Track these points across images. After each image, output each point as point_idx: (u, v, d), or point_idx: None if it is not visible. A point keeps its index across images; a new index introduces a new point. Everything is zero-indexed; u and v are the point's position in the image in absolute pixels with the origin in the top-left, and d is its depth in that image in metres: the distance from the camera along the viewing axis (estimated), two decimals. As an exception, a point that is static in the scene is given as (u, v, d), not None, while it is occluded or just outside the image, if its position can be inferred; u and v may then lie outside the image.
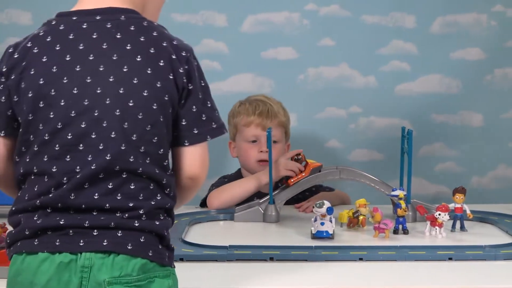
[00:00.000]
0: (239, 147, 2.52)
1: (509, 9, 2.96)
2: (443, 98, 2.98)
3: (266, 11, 2.98)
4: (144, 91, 1.36)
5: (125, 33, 1.38)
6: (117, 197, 1.35)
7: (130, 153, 1.35)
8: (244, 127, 2.49)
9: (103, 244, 1.34)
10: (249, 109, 2.49)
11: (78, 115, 1.35)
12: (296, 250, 1.85)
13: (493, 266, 1.77)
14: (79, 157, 1.35)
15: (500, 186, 3.01)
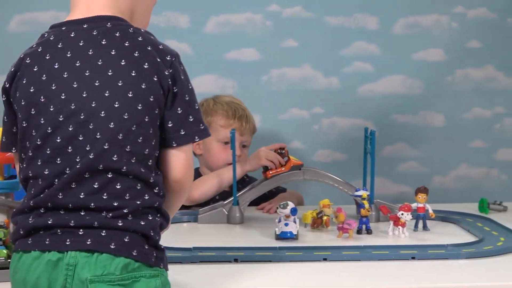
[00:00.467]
0: (209, 146, 2.51)
1: (470, 10, 2.99)
2: (405, 98, 3.00)
3: (229, 12, 2.98)
4: (128, 93, 1.40)
5: (110, 39, 1.42)
6: (102, 197, 1.39)
7: (114, 152, 1.39)
8: (222, 128, 2.50)
9: (87, 243, 1.37)
10: (229, 111, 2.51)
11: (66, 119, 1.40)
12: (260, 251, 1.85)
13: (455, 265, 1.79)
14: (68, 159, 1.40)
15: (461, 185, 3.04)
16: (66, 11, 2.87)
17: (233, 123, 2.49)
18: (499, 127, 3.04)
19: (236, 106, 2.53)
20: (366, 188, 2.18)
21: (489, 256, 1.83)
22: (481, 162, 3.04)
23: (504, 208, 2.41)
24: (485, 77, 3.01)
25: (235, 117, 2.50)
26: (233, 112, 2.51)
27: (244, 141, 2.52)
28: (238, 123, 2.50)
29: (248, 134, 2.53)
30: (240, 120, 2.50)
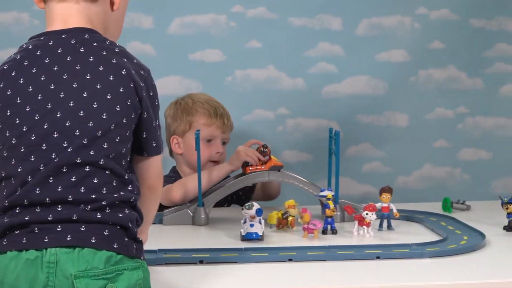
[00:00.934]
0: (191, 144, 2.45)
1: (433, 11, 3.01)
2: (370, 99, 3.01)
3: (193, 13, 2.96)
4: (107, 95, 1.45)
5: (88, 48, 1.48)
6: (80, 190, 1.42)
7: (92, 148, 1.43)
8: (205, 126, 2.50)
9: (67, 239, 1.39)
10: (210, 110, 2.53)
11: (42, 117, 1.43)
12: (225, 252, 1.85)
13: (419, 264, 1.80)
14: (42, 156, 1.42)
15: (425, 185, 3.06)
16: (28, 12, 2.86)
17: (215, 121, 2.51)
18: (462, 127, 3.06)
19: (215, 105, 2.55)
20: (331, 188, 2.19)
21: (453, 255, 1.84)
22: (444, 162, 3.07)
23: (467, 207, 2.44)
24: (448, 78, 3.04)
25: (217, 115, 2.52)
26: (214, 111, 2.53)
27: (225, 138, 2.55)
28: (220, 121, 2.52)
29: (228, 131, 2.56)
30: (222, 118, 2.53)
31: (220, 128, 2.52)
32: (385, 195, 2.12)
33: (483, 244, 1.93)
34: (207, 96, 2.61)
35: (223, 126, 2.53)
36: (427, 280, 1.70)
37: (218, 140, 2.53)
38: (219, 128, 2.52)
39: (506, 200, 2.12)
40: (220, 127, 2.52)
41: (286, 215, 2.12)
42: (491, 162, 3.07)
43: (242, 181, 2.27)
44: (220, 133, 2.53)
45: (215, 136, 2.52)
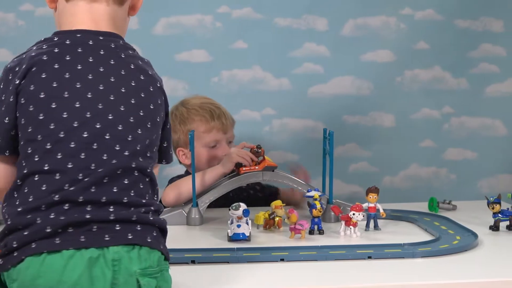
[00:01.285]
0: (197, 153, 2.40)
1: (417, 12, 3.02)
2: (355, 99, 3.02)
3: (179, 14, 2.96)
4: (150, 105, 1.50)
5: (127, 55, 1.54)
6: (131, 194, 1.45)
7: (141, 155, 1.47)
8: (205, 133, 2.46)
9: (128, 238, 1.42)
10: (206, 115, 2.47)
11: (93, 116, 1.44)
12: (217, 252, 1.85)
13: (411, 263, 1.80)
14: (94, 155, 1.43)
15: (411, 185, 3.07)
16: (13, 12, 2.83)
17: (214, 125, 2.47)
18: (447, 127, 3.08)
19: (210, 108, 2.49)
20: (317, 188, 2.19)
21: (445, 255, 1.85)
22: (430, 162, 3.08)
23: (454, 207, 2.45)
24: (433, 78, 3.05)
25: (214, 118, 2.47)
26: (210, 115, 2.47)
27: (229, 137, 2.51)
28: (219, 123, 2.47)
29: (230, 129, 2.51)
30: (220, 119, 2.48)
31: (221, 130, 2.47)
32: (371, 195, 2.13)
33: (476, 244, 1.94)
34: (200, 98, 2.55)
35: (223, 127, 2.48)
36: (418, 279, 1.70)
37: (223, 142, 2.48)
38: (219, 131, 2.47)
39: (492, 199, 2.13)
40: (221, 129, 2.47)
41: (273, 215, 2.12)
42: (477, 162, 3.09)
43: (236, 181, 2.26)
44: (222, 135, 2.48)
45: (218, 139, 2.48)
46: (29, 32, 2.88)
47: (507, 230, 2.13)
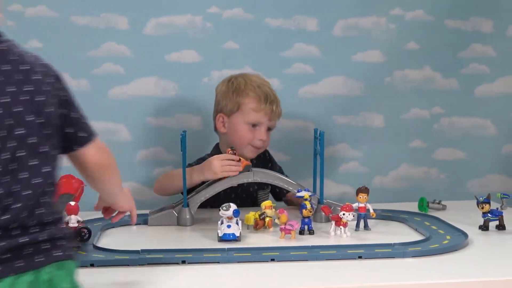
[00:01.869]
0: (236, 125, 2.53)
1: (408, 12, 3.02)
2: (346, 99, 3.02)
3: (169, 14, 2.95)
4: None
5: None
6: (50, 211, 1.44)
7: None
8: (253, 111, 2.51)
9: (59, 254, 1.42)
10: (261, 95, 2.53)
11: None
12: (208, 252, 1.85)
13: (401, 263, 1.80)
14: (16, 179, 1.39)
15: (402, 185, 3.07)
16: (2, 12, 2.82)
17: (264, 108, 2.51)
18: (437, 127, 3.08)
19: (267, 91, 2.55)
20: (308, 189, 2.20)
21: (435, 255, 1.85)
22: (420, 162, 3.08)
23: (443, 207, 2.45)
24: (423, 78, 3.05)
25: (267, 102, 2.52)
26: (265, 97, 2.53)
27: (271, 125, 2.56)
28: (269, 108, 2.52)
29: (276, 118, 2.57)
30: (271, 105, 2.52)
31: (268, 115, 2.52)
32: (361, 195, 2.13)
33: (466, 243, 1.94)
34: (260, 79, 2.61)
35: (271, 113, 2.52)
36: (409, 279, 1.70)
37: (264, 127, 2.53)
38: (266, 115, 2.52)
39: (482, 199, 2.14)
40: (268, 114, 2.52)
41: (263, 216, 2.13)
42: (467, 162, 3.09)
43: (228, 181, 2.26)
44: (266, 120, 2.53)
45: (261, 122, 2.53)
46: (18, 32, 2.87)
47: (497, 229, 2.14)
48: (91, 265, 1.77)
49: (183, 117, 2.98)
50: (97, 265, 1.77)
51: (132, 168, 2.94)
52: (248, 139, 2.52)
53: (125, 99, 2.93)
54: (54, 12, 2.88)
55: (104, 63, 2.91)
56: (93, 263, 1.77)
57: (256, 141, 2.52)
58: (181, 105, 2.97)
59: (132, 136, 2.95)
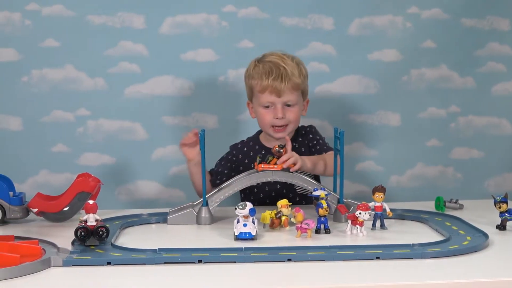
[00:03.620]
0: (256, 110, 2.54)
1: (424, 11, 3.02)
2: (362, 98, 3.02)
3: (185, 13, 2.96)
4: None
5: None
6: None
7: None
8: (259, 93, 2.49)
9: None
10: (263, 74, 2.47)
11: None
12: (225, 252, 1.84)
13: (420, 264, 1.79)
14: None
15: (418, 184, 3.07)
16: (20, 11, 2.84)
17: (268, 86, 2.46)
18: (454, 126, 3.07)
19: (271, 67, 2.47)
20: (324, 188, 2.19)
21: (455, 255, 1.84)
22: (437, 161, 3.08)
23: (460, 206, 2.44)
24: (440, 77, 3.05)
25: (268, 79, 2.46)
26: (266, 74, 2.47)
27: (285, 101, 2.48)
28: (272, 84, 2.45)
29: (289, 92, 2.47)
30: (275, 81, 2.45)
31: (274, 93, 2.45)
32: (378, 194, 2.12)
33: (486, 244, 1.93)
34: (275, 56, 2.52)
35: (277, 90, 2.44)
36: (428, 279, 1.69)
37: (278, 105, 2.47)
38: (272, 93, 2.45)
39: (499, 199, 2.13)
40: (274, 91, 2.45)
41: (279, 214, 2.12)
42: (484, 161, 3.09)
43: (247, 180, 2.26)
44: (275, 97, 2.46)
45: (272, 101, 2.48)
46: (35, 31, 2.88)
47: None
48: (108, 264, 1.77)
49: (199, 116, 2.99)
50: (114, 263, 1.78)
51: (148, 166, 2.95)
52: (267, 121, 2.50)
53: (141, 98, 2.94)
54: (70, 11, 2.89)
55: (120, 62, 2.92)
56: (109, 262, 1.77)
57: (274, 120, 2.49)
58: (197, 104, 2.98)
59: (148, 135, 2.96)
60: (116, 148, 2.94)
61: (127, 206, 2.70)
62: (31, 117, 2.92)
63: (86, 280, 1.69)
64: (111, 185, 2.92)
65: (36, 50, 2.88)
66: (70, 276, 1.71)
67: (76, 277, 1.70)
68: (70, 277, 1.70)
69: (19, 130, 2.91)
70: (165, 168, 2.97)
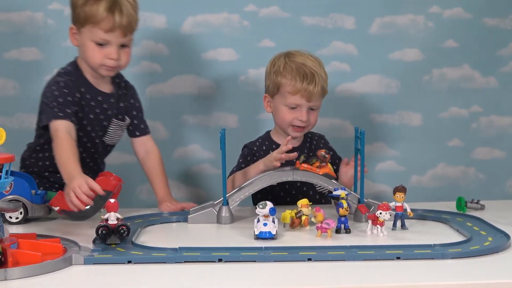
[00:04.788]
0: (277, 107, 2.55)
1: (446, 10, 3.01)
2: (383, 98, 3.01)
3: (206, 12, 2.97)
4: None
5: None
6: None
7: None
8: (289, 94, 2.51)
9: None
10: (297, 77, 2.50)
11: None
12: (245, 251, 1.85)
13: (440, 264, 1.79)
14: None
15: (439, 184, 3.06)
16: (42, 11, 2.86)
17: (301, 90, 2.49)
18: (476, 126, 3.06)
19: (305, 71, 2.50)
20: (344, 187, 2.19)
21: (476, 256, 1.83)
22: (458, 161, 3.06)
23: (482, 207, 2.43)
24: (462, 77, 3.03)
25: (303, 82, 2.49)
26: (301, 79, 2.50)
27: (312, 106, 2.53)
28: (306, 89, 2.49)
29: (317, 99, 2.53)
30: (308, 86, 2.49)
31: (305, 97, 2.50)
32: (399, 195, 2.12)
33: (508, 245, 1.92)
34: (304, 57, 2.55)
35: (308, 95, 2.49)
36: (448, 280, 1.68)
37: (304, 108, 2.51)
38: (303, 97, 2.50)
39: (521, 199, 2.12)
40: (305, 96, 2.49)
41: (300, 214, 2.12)
42: (506, 161, 3.07)
43: (267, 179, 2.26)
44: (304, 102, 2.51)
45: (299, 104, 2.52)
46: (58, 31, 2.90)
47: (536, 230, 2.11)
48: (129, 262, 1.78)
49: (220, 115, 2.99)
50: (135, 262, 1.78)
51: (169, 165, 2.95)
52: (288, 120, 2.53)
53: (162, 97, 2.95)
54: (92, 10, 2.90)
55: (142, 61, 2.94)
56: (130, 260, 1.78)
57: (296, 121, 2.53)
58: (218, 103, 2.98)
59: (169, 134, 2.97)
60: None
61: (148, 205, 2.70)
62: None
63: (107, 278, 1.70)
64: (132, 184, 2.93)
65: (59, 49, 2.90)
66: (91, 274, 1.72)
67: (97, 275, 1.71)
68: (91, 275, 1.71)
69: (41, 129, 2.93)
70: (186, 167, 2.98)
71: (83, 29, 2.38)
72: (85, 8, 2.36)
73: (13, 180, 2.14)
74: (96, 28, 2.36)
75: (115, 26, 2.35)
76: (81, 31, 2.39)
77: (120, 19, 2.35)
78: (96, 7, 2.34)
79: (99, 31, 2.36)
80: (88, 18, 2.36)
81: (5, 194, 2.21)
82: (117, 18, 2.35)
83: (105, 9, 2.34)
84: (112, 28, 2.35)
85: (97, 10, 2.34)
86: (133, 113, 2.56)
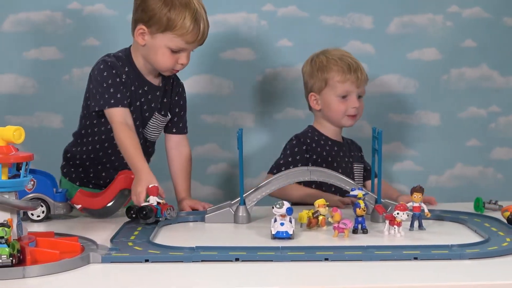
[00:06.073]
0: (328, 100, 2.66)
1: (464, 9, 3.00)
2: (401, 98, 3.01)
3: (224, 12, 2.97)
4: None
5: None
6: None
7: None
8: (339, 83, 2.63)
9: None
10: (344, 66, 2.64)
11: None
12: (262, 250, 1.84)
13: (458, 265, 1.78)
14: None
15: (457, 184, 3.05)
16: (61, 11, 2.88)
17: (350, 77, 2.63)
18: (494, 126, 3.05)
19: (349, 61, 2.66)
20: (361, 188, 2.18)
21: (494, 257, 1.82)
22: (476, 161, 3.06)
23: (500, 207, 2.42)
24: (480, 76, 3.03)
25: (351, 71, 2.63)
26: (348, 67, 2.64)
27: (360, 92, 2.67)
28: (354, 76, 2.64)
29: (363, 85, 2.68)
30: (356, 73, 2.64)
31: (355, 83, 2.64)
32: (416, 195, 2.11)
33: (526, 246, 1.91)
34: (340, 51, 2.71)
35: (357, 81, 2.63)
36: (466, 281, 1.68)
37: (354, 95, 2.65)
38: (353, 84, 2.64)
39: (540, 200, 2.11)
40: (355, 82, 2.63)
41: (317, 214, 2.12)
42: (525, 161, 3.07)
43: (284, 179, 2.27)
44: (354, 88, 2.64)
45: (350, 91, 2.64)
46: (77, 30, 2.91)
47: (554, 231, 2.10)
48: (146, 261, 1.78)
49: (237, 114, 3.00)
50: (152, 261, 1.79)
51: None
52: (342, 110, 2.64)
53: (180, 97, 2.96)
54: (111, 10, 2.92)
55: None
56: (147, 259, 1.79)
57: (349, 109, 2.64)
58: (235, 102, 2.99)
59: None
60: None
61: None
62: (73, 114, 2.94)
63: (124, 276, 1.70)
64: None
65: (78, 48, 2.91)
66: (108, 273, 1.72)
67: (115, 274, 1.72)
68: (108, 273, 1.72)
69: (60, 128, 2.95)
70: (203, 166, 2.98)
71: (160, 34, 2.33)
72: (169, 15, 2.31)
73: (35, 178, 2.16)
74: (178, 39, 2.33)
75: (198, 39, 2.35)
76: (156, 36, 2.34)
77: (203, 32, 2.36)
78: (182, 19, 2.31)
79: (181, 42, 2.33)
80: (172, 27, 2.31)
81: (27, 192, 2.23)
82: (201, 31, 2.35)
83: (191, 21, 2.31)
84: (194, 40, 2.35)
85: (184, 22, 2.31)
86: (176, 110, 2.53)
